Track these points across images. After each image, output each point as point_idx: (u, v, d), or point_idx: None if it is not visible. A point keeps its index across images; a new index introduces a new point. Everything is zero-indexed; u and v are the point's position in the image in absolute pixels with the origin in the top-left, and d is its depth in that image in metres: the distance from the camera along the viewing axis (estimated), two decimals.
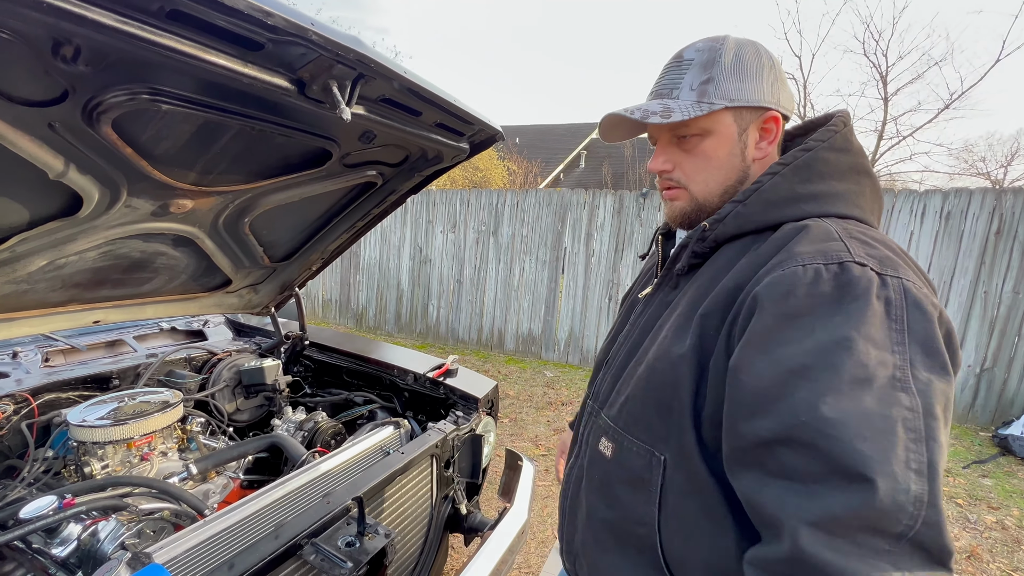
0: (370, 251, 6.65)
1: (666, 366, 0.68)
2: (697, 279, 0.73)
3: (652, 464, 0.69)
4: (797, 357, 0.54)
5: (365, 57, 0.90)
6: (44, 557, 1.10)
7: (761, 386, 0.56)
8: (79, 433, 1.27)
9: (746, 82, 0.70)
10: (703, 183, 0.74)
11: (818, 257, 0.58)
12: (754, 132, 0.72)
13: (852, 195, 0.69)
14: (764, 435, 0.55)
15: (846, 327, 0.53)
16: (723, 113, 0.71)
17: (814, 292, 0.56)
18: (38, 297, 1.34)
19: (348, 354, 2.06)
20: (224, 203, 1.36)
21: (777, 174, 0.69)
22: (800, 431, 0.52)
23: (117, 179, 1.05)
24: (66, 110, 0.83)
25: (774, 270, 0.60)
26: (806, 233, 0.63)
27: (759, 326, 0.58)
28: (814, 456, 0.51)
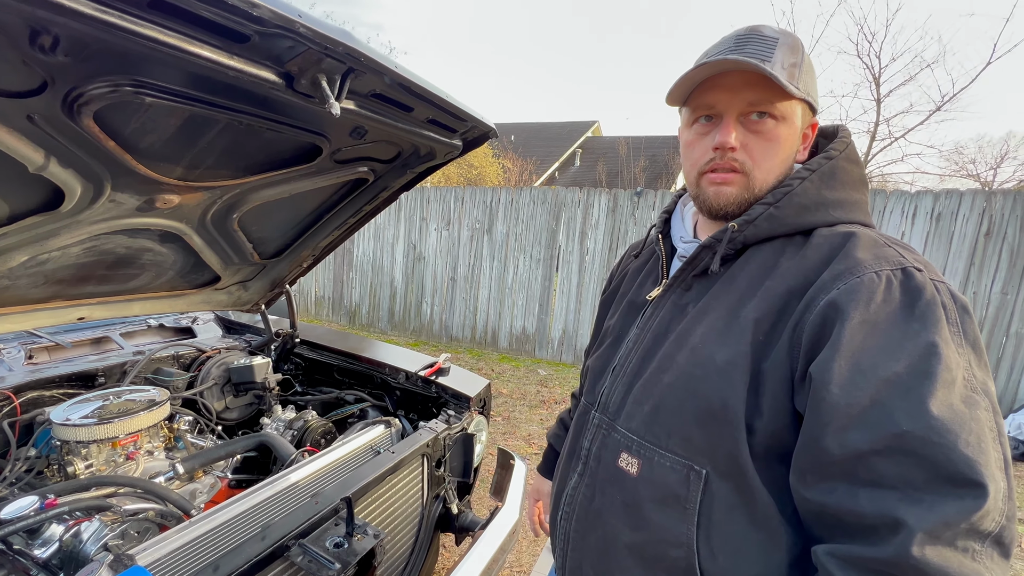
0: (363, 248, 6.62)
1: (710, 373, 0.65)
2: (726, 282, 0.70)
3: (690, 479, 0.65)
4: (888, 365, 0.54)
5: (355, 51, 0.88)
6: (25, 558, 1.07)
7: (854, 397, 0.55)
8: (62, 432, 1.25)
9: (813, 81, 0.70)
10: (767, 170, 0.70)
11: (883, 263, 0.59)
12: (797, 127, 0.71)
13: (863, 204, 0.71)
14: (860, 447, 0.54)
15: (928, 333, 0.54)
16: (799, 104, 0.69)
17: (889, 299, 0.57)
18: (20, 293, 1.31)
19: (339, 352, 2.04)
20: (212, 199, 1.34)
21: (806, 179, 0.68)
22: (902, 441, 0.52)
23: (100, 173, 1.03)
24: (45, 101, 0.81)
25: (846, 277, 0.59)
26: (857, 239, 0.63)
27: (846, 335, 0.56)
28: (918, 464, 0.51)
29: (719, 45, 0.70)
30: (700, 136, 0.73)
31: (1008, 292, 4.09)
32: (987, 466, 0.50)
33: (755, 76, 0.65)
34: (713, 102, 0.70)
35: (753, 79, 0.66)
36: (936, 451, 0.50)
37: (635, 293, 0.88)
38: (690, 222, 0.85)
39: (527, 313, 5.76)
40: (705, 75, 0.69)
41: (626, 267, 0.99)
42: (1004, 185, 12.01)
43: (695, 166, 0.74)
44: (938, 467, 0.51)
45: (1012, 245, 4.04)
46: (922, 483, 0.51)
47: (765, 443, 0.62)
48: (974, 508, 0.49)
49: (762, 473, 0.63)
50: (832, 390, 0.56)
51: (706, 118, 0.72)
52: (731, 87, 0.68)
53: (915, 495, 0.52)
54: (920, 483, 0.52)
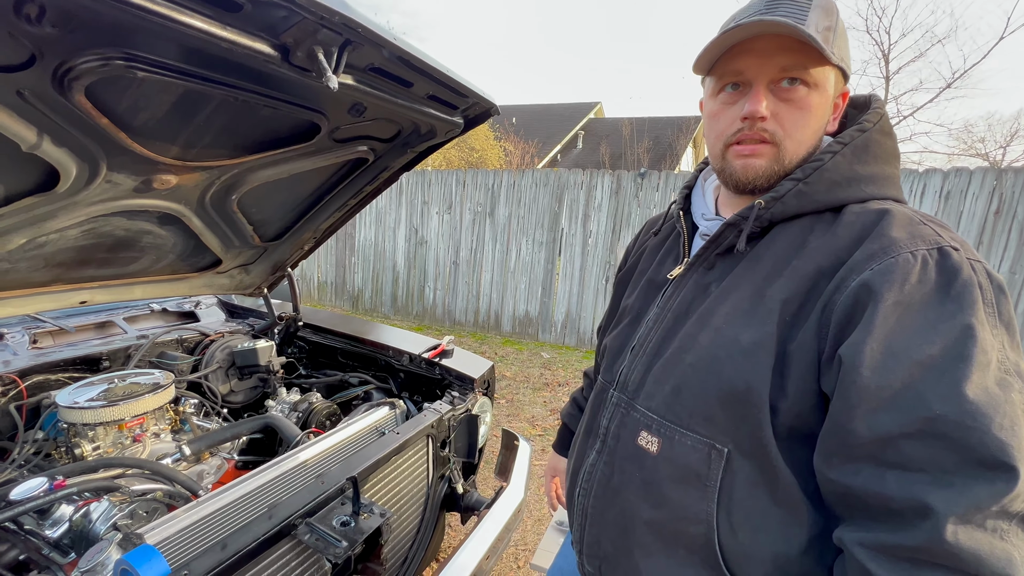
0: (365, 233, 6.59)
1: (734, 354, 0.64)
2: (751, 261, 0.68)
3: (712, 458, 0.65)
4: (922, 348, 0.53)
5: (352, 21, 0.85)
6: (37, 538, 1.09)
7: (886, 380, 0.54)
8: (68, 415, 1.25)
9: (847, 47, 0.67)
10: (798, 142, 0.67)
11: (919, 243, 0.58)
12: (828, 94, 0.66)
13: (896, 179, 0.68)
14: (890, 429, 0.53)
15: (964, 315, 0.53)
16: (833, 70, 0.65)
17: (924, 279, 0.56)
18: (20, 277, 1.30)
19: (343, 335, 2.04)
20: (210, 179, 1.31)
21: (838, 153, 0.65)
22: (934, 424, 0.51)
23: (95, 152, 1.01)
24: (35, 76, 0.78)
25: (880, 257, 0.58)
26: (892, 217, 0.61)
27: (879, 317, 0.55)
28: (949, 447, 0.51)
29: (748, 8, 0.66)
30: (726, 106, 0.69)
31: (1016, 271, 4.05)
32: (1020, 449, 0.49)
33: (789, 40, 0.61)
34: (742, 68, 0.66)
35: (787, 43, 0.62)
36: (970, 434, 0.50)
37: (655, 271, 0.86)
38: (711, 198, 0.82)
39: (530, 296, 5.75)
40: (738, 38, 0.64)
41: (644, 244, 0.97)
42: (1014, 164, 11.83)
43: (720, 137, 0.70)
44: (971, 450, 0.50)
45: (1022, 223, 3.98)
46: (952, 467, 0.51)
47: (789, 424, 0.62)
48: (1006, 491, 0.49)
49: (785, 453, 0.62)
50: (863, 372, 0.55)
51: (733, 86, 0.68)
52: (763, 52, 0.64)
53: (945, 479, 0.51)
54: (951, 467, 0.51)
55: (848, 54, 0.67)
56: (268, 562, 0.97)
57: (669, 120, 17.05)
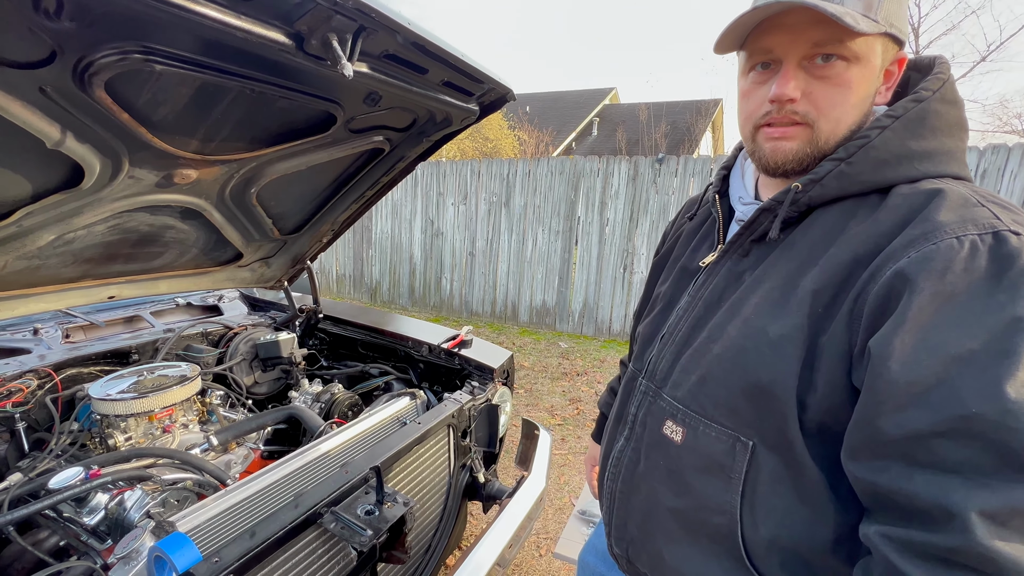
0: (382, 225, 6.63)
1: (761, 346, 0.62)
2: (786, 248, 0.64)
3: (736, 450, 0.64)
4: (962, 342, 0.49)
5: (365, 6, 0.84)
6: (75, 525, 1.12)
7: (917, 375, 0.50)
8: (102, 406, 1.29)
9: (900, 6, 0.59)
10: (836, 121, 0.62)
11: (969, 227, 0.52)
12: (873, 64, 0.60)
13: (959, 153, 0.61)
14: (920, 427, 0.50)
15: (1016, 306, 0.48)
16: (878, 39, 0.59)
17: (972, 268, 0.50)
18: (51, 273, 1.34)
19: (362, 326, 2.05)
20: (229, 173, 1.32)
21: (887, 128, 0.59)
22: (969, 423, 0.48)
23: (117, 148, 1.02)
24: (56, 72, 0.79)
25: (919, 244, 0.53)
26: (943, 198, 0.55)
27: (913, 308, 0.51)
28: (985, 448, 0.48)
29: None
30: (757, 85, 0.65)
31: None
32: None
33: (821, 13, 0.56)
34: (771, 46, 0.62)
35: (821, 15, 0.56)
36: (1010, 436, 0.46)
37: (688, 258, 0.83)
38: (751, 180, 0.78)
39: (547, 286, 5.73)
40: (759, 18, 0.60)
41: (680, 228, 0.93)
42: None
43: (750, 119, 0.67)
44: (1008, 452, 0.47)
45: None
46: (991, 469, 0.48)
47: (819, 419, 0.59)
48: None
49: (813, 448, 0.60)
50: (891, 366, 0.51)
51: (763, 65, 0.64)
52: (793, 27, 0.59)
53: (981, 480, 0.48)
54: (988, 469, 0.48)
55: (902, 13, 0.60)
56: (295, 550, 0.98)
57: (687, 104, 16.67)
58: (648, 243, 5.13)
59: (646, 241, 5.14)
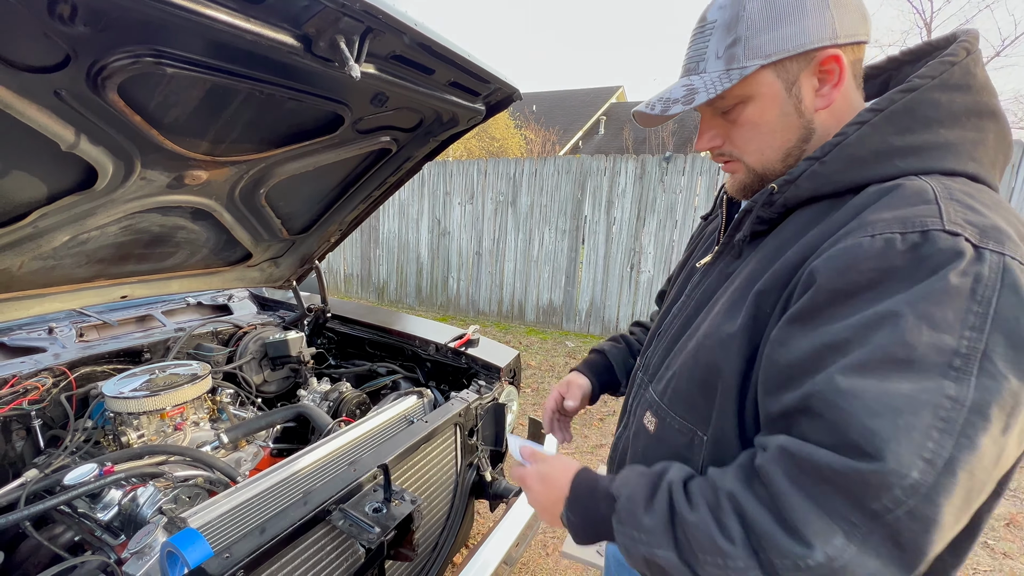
0: (389, 225, 6.66)
1: (714, 344, 0.63)
2: (760, 249, 0.65)
3: (694, 443, 0.67)
4: (839, 332, 0.50)
5: (372, 8, 0.84)
6: (90, 521, 1.15)
7: (795, 359, 0.52)
8: (115, 404, 1.31)
9: (783, 26, 0.59)
10: (757, 152, 0.65)
11: (895, 225, 0.50)
12: (808, 80, 0.61)
13: (968, 145, 0.56)
14: (789, 405, 0.52)
15: (899, 303, 0.47)
16: (760, 73, 0.61)
17: (879, 267, 0.49)
18: (65, 273, 1.36)
19: (370, 326, 2.07)
20: (239, 174, 1.34)
21: (866, 123, 0.57)
22: (816, 400, 0.49)
23: (130, 150, 1.04)
24: (70, 76, 0.81)
25: (842, 240, 0.52)
26: (894, 195, 0.53)
27: (808, 302, 0.52)
28: (824, 426, 0.48)
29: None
30: None
31: None
32: (888, 441, 0.44)
33: None
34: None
35: None
36: (840, 415, 0.47)
37: (695, 259, 0.85)
38: None
39: (553, 286, 5.72)
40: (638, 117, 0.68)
41: (703, 230, 0.95)
42: None
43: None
44: (839, 431, 0.47)
45: None
46: (825, 446, 0.48)
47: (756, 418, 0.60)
48: (858, 472, 0.44)
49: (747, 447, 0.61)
50: (780, 352, 0.54)
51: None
52: None
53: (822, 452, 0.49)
54: (824, 445, 0.48)
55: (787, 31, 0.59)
56: (304, 546, 0.99)
57: None
58: (655, 242, 5.11)
59: (653, 240, 5.12)
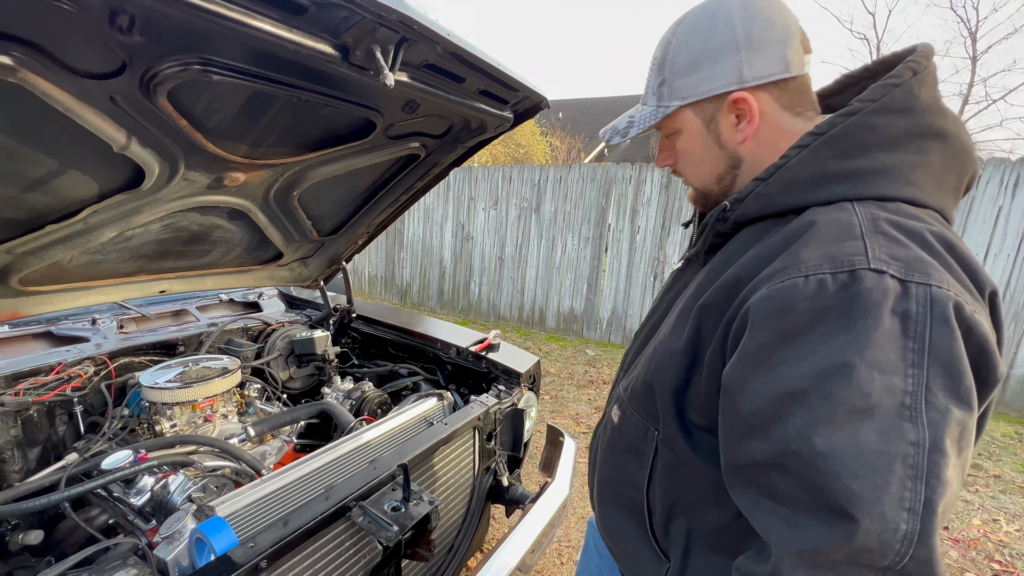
0: (413, 228, 6.76)
1: (663, 352, 0.68)
2: (711, 263, 0.68)
3: (647, 437, 0.72)
4: (793, 380, 0.51)
5: (408, 19, 0.87)
6: (123, 505, 1.20)
7: (754, 407, 0.53)
8: (151, 394, 1.36)
9: (697, 72, 0.65)
10: (695, 175, 0.75)
11: (825, 265, 0.51)
12: (725, 118, 0.66)
13: (905, 169, 0.57)
14: (758, 457, 0.53)
15: (848, 351, 0.48)
16: (681, 111, 0.69)
17: (816, 307, 0.51)
18: (110, 267, 1.43)
19: (393, 327, 2.10)
20: (274, 176, 1.39)
21: (807, 147, 0.59)
22: (791, 459, 0.50)
23: (175, 152, 1.09)
24: (125, 82, 0.86)
25: (774, 279, 0.54)
26: (816, 231, 0.54)
27: (752, 344, 0.54)
28: (802, 486, 0.50)
29: None
30: None
31: None
32: (873, 503, 0.46)
33: None
34: None
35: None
36: (820, 477, 0.48)
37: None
38: None
39: (575, 293, 5.70)
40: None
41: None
42: None
43: None
44: (819, 493, 0.48)
45: None
46: (807, 505, 0.50)
47: (703, 423, 0.64)
48: (843, 539, 0.47)
49: (693, 443, 0.66)
50: (736, 398, 0.55)
51: None
52: None
53: (798, 516, 0.50)
54: (805, 505, 0.50)
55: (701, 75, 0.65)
56: (325, 541, 1.01)
57: None
58: (680, 252, 5.04)
59: (677, 250, 5.05)
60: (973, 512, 2.66)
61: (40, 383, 1.38)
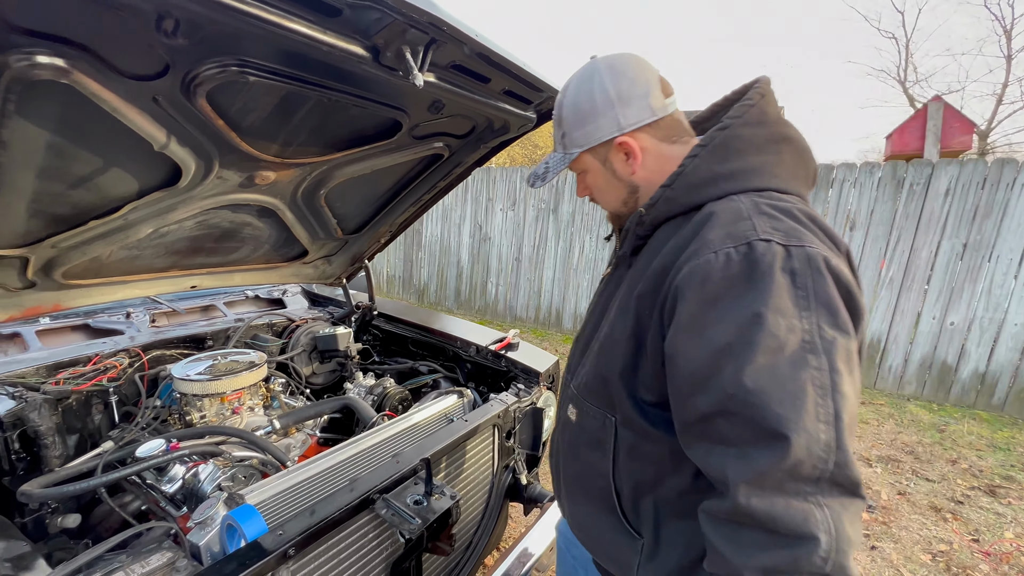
0: (432, 228, 6.81)
1: (611, 344, 0.78)
2: (639, 260, 0.80)
3: (606, 425, 0.80)
4: (721, 337, 0.61)
5: (438, 20, 0.89)
6: (156, 492, 1.24)
7: (694, 367, 0.63)
8: (182, 386, 1.41)
9: (586, 125, 0.80)
10: (605, 202, 0.89)
11: (727, 241, 0.64)
12: (616, 156, 0.81)
13: (769, 166, 0.72)
14: (704, 409, 0.63)
15: (756, 303, 0.60)
16: (582, 156, 0.83)
17: (727, 275, 0.63)
18: (146, 262, 1.49)
19: (414, 325, 2.13)
20: (303, 175, 1.42)
21: (697, 156, 0.73)
22: (730, 403, 0.60)
23: (210, 151, 1.13)
24: (168, 83, 0.89)
25: (691, 259, 0.66)
26: (716, 217, 0.68)
27: (684, 314, 0.65)
28: (743, 423, 0.60)
29: None
30: None
31: None
32: (797, 420, 0.56)
33: None
34: None
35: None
36: (754, 411, 0.58)
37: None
38: None
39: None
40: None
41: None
42: None
43: None
44: (756, 424, 0.58)
45: None
46: (750, 439, 0.59)
47: (654, 398, 0.73)
48: (782, 457, 0.56)
49: (649, 419, 0.75)
50: (679, 363, 0.65)
51: None
52: None
53: (744, 450, 0.60)
54: (749, 439, 0.59)
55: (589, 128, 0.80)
56: (350, 531, 1.04)
57: None
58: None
59: None
60: (1006, 525, 2.58)
61: (79, 373, 1.44)
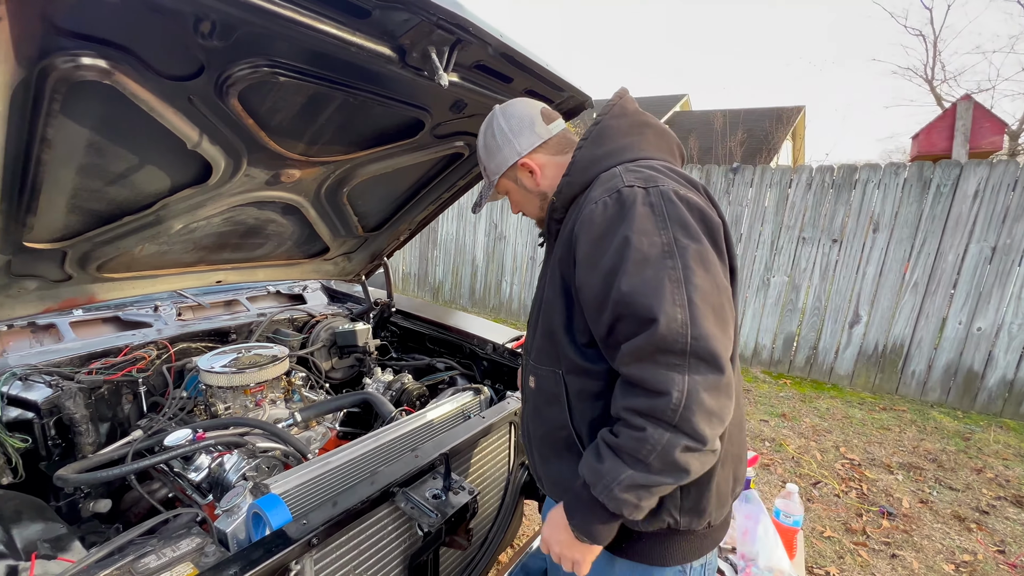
0: (447, 227, 6.85)
1: (549, 307, 0.93)
2: (559, 238, 0.94)
3: (557, 379, 0.93)
4: (607, 263, 0.78)
5: (464, 21, 0.90)
6: (183, 480, 1.28)
7: (595, 292, 0.80)
8: (208, 378, 1.45)
9: (495, 157, 1.02)
10: (528, 212, 1.07)
11: (604, 194, 0.83)
12: (524, 174, 1.01)
13: (635, 144, 0.92)
14: (608, 321, 0.78)
15: (625, 230, 0.77)
16: (501, 180, 1.04)
17: (605, 216, 0.81)
18: (175, 257, 1.53)
19: (431, 322, 2.15)
20: (326, 173, 1.45)
21: (582, 147, 0.93)
22: (619, 308, 0.76)
23: (239, 149, 1.16)
24: (202, 84, 0.92)
25: (582, 210, 0.84)
26: (597, 181, 0.87)
27: (581, 253, 0.82)
28: (629, 319, 0.75)
29: None
30: None
31: None
32: (659, 305, 0.72)
33: None
34: None
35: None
36: (633, 307, 0.74)
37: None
38: None
39: None
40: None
41: None
42: None
43: None
44: (636, 316, 0.74)
45: None
46: (636, 329, 0.75)
47: (587, 339, 0.87)
48: (652, 334, 0.72)
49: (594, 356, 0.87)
50: (585, 292, 0.82)
51: None
52: None
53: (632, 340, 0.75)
54: (635, 329, 0.75)
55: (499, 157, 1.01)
56: (370, 523, 1.06)
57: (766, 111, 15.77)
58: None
59: None
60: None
61: (110, 364, 1.48)
